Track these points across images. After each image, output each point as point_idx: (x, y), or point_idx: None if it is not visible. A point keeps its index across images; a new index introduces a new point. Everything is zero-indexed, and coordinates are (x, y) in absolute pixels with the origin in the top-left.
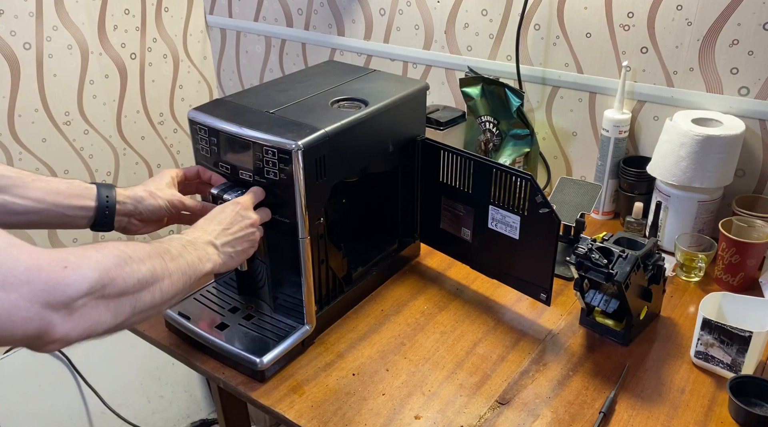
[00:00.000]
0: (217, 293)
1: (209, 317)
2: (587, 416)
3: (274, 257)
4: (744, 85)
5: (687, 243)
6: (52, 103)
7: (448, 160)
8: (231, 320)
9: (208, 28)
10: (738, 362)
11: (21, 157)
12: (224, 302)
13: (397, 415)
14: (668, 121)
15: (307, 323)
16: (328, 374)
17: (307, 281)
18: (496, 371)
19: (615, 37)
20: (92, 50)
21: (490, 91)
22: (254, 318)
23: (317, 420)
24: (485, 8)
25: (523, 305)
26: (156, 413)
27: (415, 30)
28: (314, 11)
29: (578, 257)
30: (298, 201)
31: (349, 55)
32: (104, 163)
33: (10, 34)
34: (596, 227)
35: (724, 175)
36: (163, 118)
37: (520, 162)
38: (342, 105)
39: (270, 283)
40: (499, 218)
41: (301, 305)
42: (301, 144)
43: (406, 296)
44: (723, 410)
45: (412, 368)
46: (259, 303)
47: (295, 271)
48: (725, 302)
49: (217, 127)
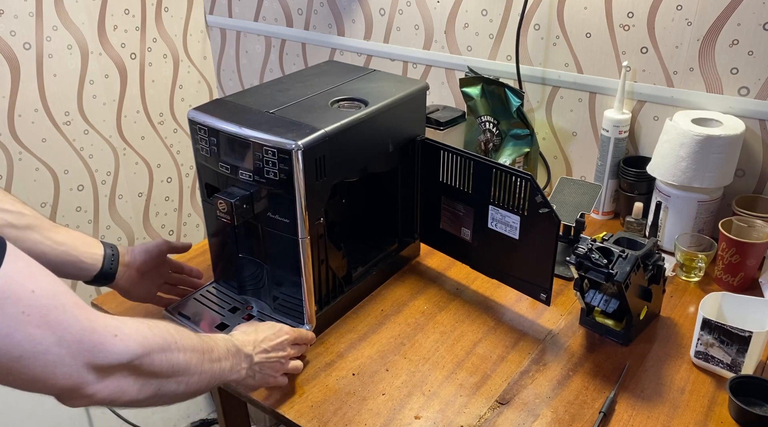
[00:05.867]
0: (217, 293)
1: (209, 317)
2: (587, 416)
3: (274, 257)
4: (744, 85)
5: (687, 243)
6: (52, 103)
7: (448, 160)
8: (231, 320)
9: (208, 28)
10: (738, 362)
11: (21, 157)
12: (224, 302)
13: (397, 415)
14: (668, 121)
15: (307, 323)
16: (328, 374)
17: (306, 281)
18: (496, 371)
19: (615, 37)
20: (92, 50)
21: (490, 91)
22: (254, 318)
23: (317, 420)
24: (485, 8)
25: (523, 305)
26: (156, 413)
27: (415, 30)
28: (314, 11)
29: (578, 257)
30: (298, 201)
31: (349, 55)
32: (104, 163)
33: (10, 34)
34: (596, 227)
35: (724, 175)
36: (163, 118)
37: (520, 162)
38: (342, 105)
39: (270, 283)
40: (499, 218)
41: (301, 305)
42: (301, 144)
43: (406, 296)
44: (723, 410)
45: (412, 368)
46: (259, 303)
47: (295, 271)
48: (725, 302)
49: (217, 127)
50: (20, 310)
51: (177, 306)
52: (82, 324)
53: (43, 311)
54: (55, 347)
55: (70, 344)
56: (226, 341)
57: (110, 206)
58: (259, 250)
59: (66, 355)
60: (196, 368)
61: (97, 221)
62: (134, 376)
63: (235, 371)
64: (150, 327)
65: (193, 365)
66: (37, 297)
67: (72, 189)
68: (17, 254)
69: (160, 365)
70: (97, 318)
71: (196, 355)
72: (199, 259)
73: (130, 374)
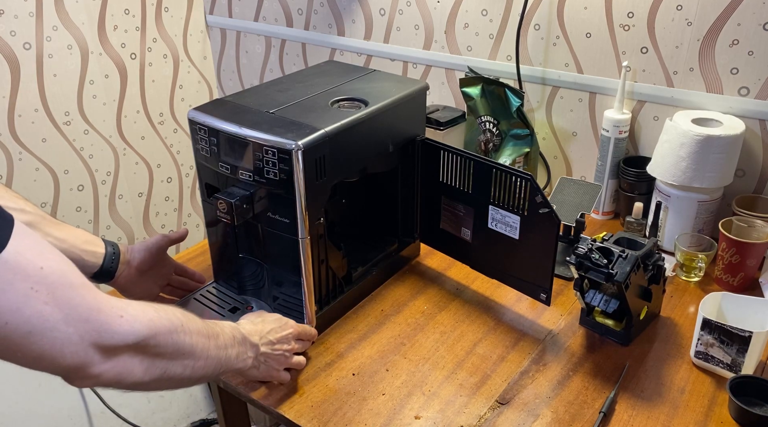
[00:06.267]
0: (217, 293)
1: (209, 318)
2: (587, 416)
3: (273, 257)
4: (744, 85)
5: (687, 243)
6: (52, 103)
7: (448, 160)
8: (231, 320)
9: (208, 28)
10: (738, 362)
11: (21, 157)
12: (224, 302)
13: (397, 415)
14: (668, 122)
15: (307, 323)
16: (328, 374)
17: (307, 282)
18: (496, 371)
19: (615, 37)
20: (92, 50)
21: (490, 91)
22: None
23: (317, 420)
24: (485, 8)
25: (523, 305)
26: (156, 413)
27: (415, 30)
28: (314, 11)
29: (578, 257)
30: (298, 201)
31: (349, 55)
32: (104, 163)
33: (10, 34)
34: (596, 227)
35: (724, 176)
36: (163, 118)
37: (520, 162)
38: (342, 105)
39: (270, 283)
40: (499, 218)
41: (301, 305)
42: (301, 144)
43: (406, 296)
44: (723, 410)
45: (412, 368)
46: (260, 303)
47: (295, 271)
48: (725, 302)
49: (217, 127)
50: (29, 286)
51: (176, 306)
52: (89, 304)
53: (51, 288)
54: (63, 324)
55: (77, 322)
56: (233, 328)
57: (110, 206)
58: (258, 250)
59: (73, 333)
60: (203, 352)
61: (97, 221)
62: (140, 357)
63: (241, 360)
64: (156, 309)
65: (200, 350)
66: (46, 274)
67: (72, 189)
68: (26, 232)
69: (166, 346)
70: (103, 299)
71: (202, 339)
72: (199, 259)
73: (137, 355)
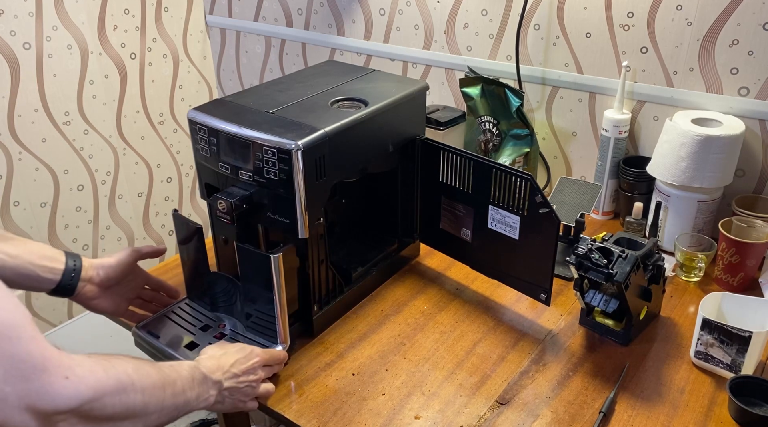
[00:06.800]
0: (190, 310)
1: (179, 336)
2: (587, 416)
3: (245, 274)
4: (744, 85)
5: (687, 243)
6: (51, 103)
7: (447, 160)
8: (201, 340)
9: (207, 28)
10: (738, 362)
11: (21, 157)
12: (196, 320)
13: (397, 415)
14: (668, 122)
15: (280, 342)
16: (328, 374)
17: (280, 298)
18: (496, 371)
19: (615, 37)
20: (92, 50)
21: (490, 91)
22: (226, 337)
23: (317, 420)
24: (485, 8)
25: (523, 305)
26: None
27: (415, 30)
28: (314, 11)
29: (578, 257)
30: (298, 201)
31: (349, 55)
32: (104, 163)
33: (10, 34)
34: (596, 227)
35: (723, 176)
36: (163, 118)
37: (520, 162)
38: (342, 105)
39: (242, 300)
40: (498, 218)
41: (274, 324)
42: (301, 144)
43: (405, 296)
44: (723, 410)
45: (411, 368)
46: (232, 321)
47: (268, 287)
48: (725, 302)
49: (217, 127)
50: None
51: (147, 324)
52: (34, 361)
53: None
54: (1, 384)
55: (16, 381)
56: (191, 369)
57: (110, 206)
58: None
59: (10, 393)
60: (156, 406)
61: (97, 221)
62: (83, 422)
63: (203, 400)
64: (106, 368)
65: (152, 405)
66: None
67: (72, 189)
68: None
69: (113, 408)
70: (51, 356)
71: (156, 391)
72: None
73: (79, 421)
